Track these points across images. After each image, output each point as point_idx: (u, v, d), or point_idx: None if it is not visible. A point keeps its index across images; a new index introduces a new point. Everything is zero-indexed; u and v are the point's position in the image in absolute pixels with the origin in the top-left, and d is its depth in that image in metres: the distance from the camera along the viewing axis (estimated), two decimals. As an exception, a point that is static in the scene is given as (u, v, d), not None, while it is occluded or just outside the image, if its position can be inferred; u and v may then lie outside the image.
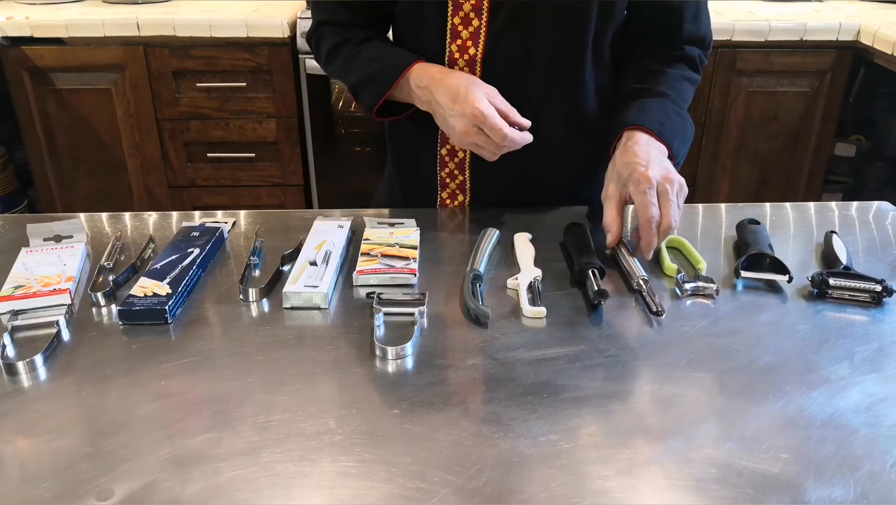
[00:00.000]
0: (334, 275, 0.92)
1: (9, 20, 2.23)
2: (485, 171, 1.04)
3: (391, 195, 1.21)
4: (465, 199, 1.11)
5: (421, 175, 1.12)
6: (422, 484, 0.61)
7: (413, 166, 1.13)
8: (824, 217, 1.12)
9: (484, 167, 1.01)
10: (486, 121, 0.88)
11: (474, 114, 0.89)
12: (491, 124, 0.88)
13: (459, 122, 0.91)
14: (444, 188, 1.10)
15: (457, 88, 0.91)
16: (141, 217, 1.11)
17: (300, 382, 0.74)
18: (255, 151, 2.44)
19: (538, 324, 0.84)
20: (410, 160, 1.14)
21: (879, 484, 0.61)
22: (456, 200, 1.10)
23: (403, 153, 1.14)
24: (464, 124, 0.90)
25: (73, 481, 0.62)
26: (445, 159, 1.07)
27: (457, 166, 1.05)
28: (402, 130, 1.11)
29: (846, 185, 2.63)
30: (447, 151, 1.06)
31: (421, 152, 1.10)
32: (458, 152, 1.05)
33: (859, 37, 2.25)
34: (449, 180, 1.08)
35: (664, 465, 0.64)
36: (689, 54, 1.05)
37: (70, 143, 2.42)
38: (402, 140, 1.13)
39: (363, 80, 1.02)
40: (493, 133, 0.89)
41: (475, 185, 1.09)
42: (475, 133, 0.91)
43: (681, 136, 0.97)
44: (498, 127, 0.88)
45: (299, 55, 2.31)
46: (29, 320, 0.83)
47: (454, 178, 1.07)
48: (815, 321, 0.85)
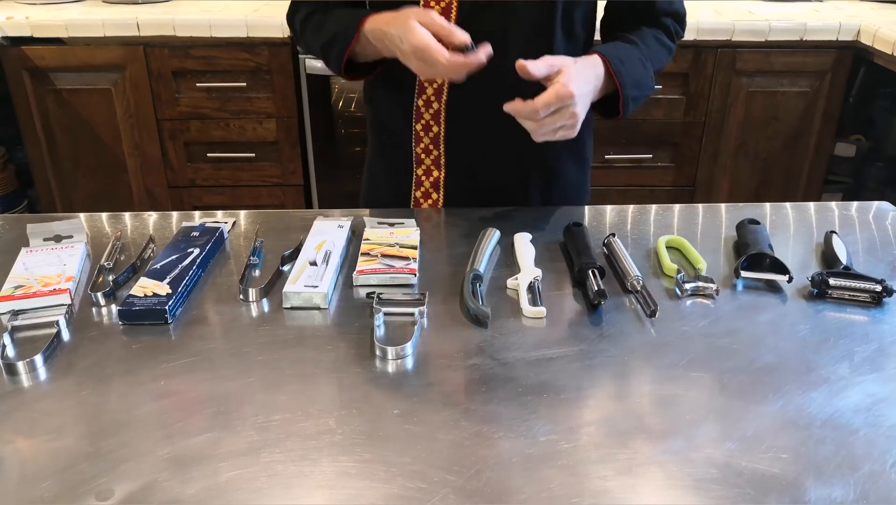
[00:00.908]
0: (334, 275, 0.92)
1: (9, 20, 2.23)
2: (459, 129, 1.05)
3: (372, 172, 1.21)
4: (441, 156, 1.09)
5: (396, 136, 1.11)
6: (422, 484, 0.61)
7: (388, 126, 1.12)
8: (824, 217, 1.12)
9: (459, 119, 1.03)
10: (426, 53, 0.88)
11: (414, 51, 0.89)
12: (429, 57, 0.88)
13: (412, 61, 0.91)
14: (418, 142, 1.08)
15: (398, 29, 0.91)
16: (141, 217, 1.11)
17: (300, 382, 0.74)
18: (255, 151, 2.44)
19: (538, 324, 0.84)
20: (385, 120, 1.13)
21: (879, 484, 0.61)
22: (430, 156, 1.09)
23: (382, 113, 1.13)
24: (414, 62, 0.91)
25: (73, 481, 0.62)
26: (421, 111, 1.06)
27: (432, 117, 1.05)
28: (376, 91, 1.11)
29: (846, 185, 2.63)
30: (423, 102, 1.05)
31: (394, 107, 1.09)
32: (433, 103, 1.04)
33: (859, 37, 2.25)
34: (423, 133, 1.07)
35: (664, 465, 0.64)
36: (664, 23, 1.08)
37: (70, 143, 2.42)
38: (375, 100, 1.13)
39: (328, 42, 1.03)
40: (436, 66, 0.89)
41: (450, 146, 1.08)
42: (426, 66, 0.91)
43: (635, 82, 1.00)
44: (436, 59, 0.88)
45: (299, 55, 2.31)
46: (29, 320, 0.83)
47: (428, 131, 1.07)
48: (815, 321, 0.85)
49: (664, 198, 2.49)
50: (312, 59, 2.30)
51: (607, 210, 1.15)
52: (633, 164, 2.45)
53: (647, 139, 2.41)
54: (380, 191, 1.20)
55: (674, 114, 2.38)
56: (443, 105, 1.04)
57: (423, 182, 1.11)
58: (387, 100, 1.11)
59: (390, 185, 1.16)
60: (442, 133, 1.06)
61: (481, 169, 1.09)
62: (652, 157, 2.44)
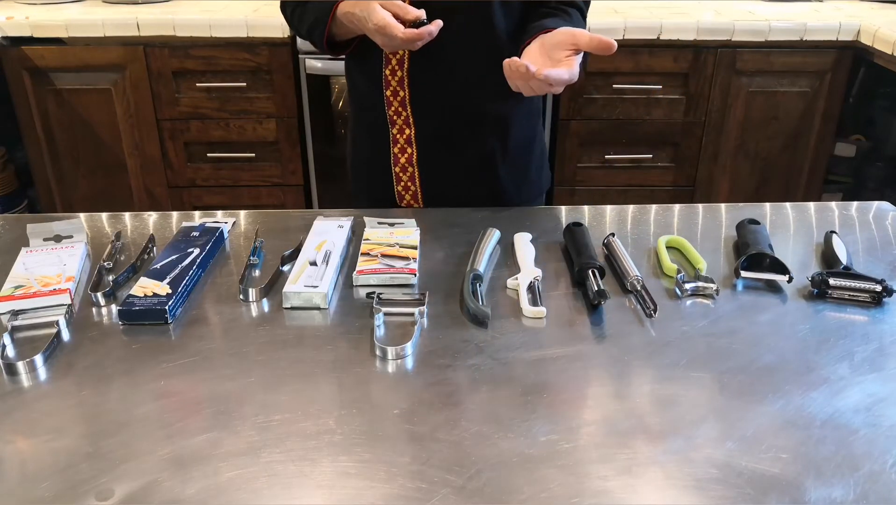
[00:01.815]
0: (334, 275, 0.92)
1: (9, 20, 2.23)
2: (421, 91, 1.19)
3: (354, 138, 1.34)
4: (409, 116, 1.22)
5: (371, 103, 1.24)
6: (422, 484, 0.61)
7: (365, 95, 1.26)
8: (824, 217, 1.12)
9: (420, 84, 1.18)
10: (386, 30, 1.03)
11: (377, 28, 1.04)
12: (389, 33, 1.03)
13: (376, 37, 1.06)
14: (389, 106, 1.22)
15: (363, 11, 1.06)
16: (141, 217, 1.11)
17: (300, 382, 0.74)
18: (255, 151, 2.44)
19: (538, 324, 0.84)
20: (360, 90, 1.27)
21: (879, 484, 0.61)
22: (400, 117, 1.22)
23: (359, 85, 1.27)
24: (378, 38, 1.06)
25: (73, 481, 0.62)
26: (388, 79, 1.19)
27: (398, 83, 1.19)
28: (351, 65, 1.27)
29: (846, 185, 2.62)
30: (389, 71, 1.19)
31: (366, 78, 1.23)
32: (398, 72, 1.18)
33: (859, 37, 2.25)
34: (392, 98, 1.21)
35: (664, 465, 0.64)
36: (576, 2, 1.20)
37: (70, 143, 2.42)
38: (351, 74, 1.28)
39: (311, 26, 1.18)
40: (394, 41, 1.04)
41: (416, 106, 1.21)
42: (388, 40, 1.05)
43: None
44: (393, 35, 1.03)
45: (299, 55, 2.31)
46: (29, 320, 0.83)
47: (396, 96, 1.20)
48: (815, 321, 0.85)
49: (664, 198, 2.49)
50: (312, 58, 2.30)
51: (607, 210, 1.15)
52: (633, 164, 2.45)
53: (647, 139, 2.41)
54: (363, 155, 1.33)
55: (674, 114, 2.38)
56: (405, 72, 1.18)
57: (399, 139, 1.24)
58: (361, 72, 1.25)
59: (371, 148, 1.29)
60: (407, 96, 1.20)
61: (445, 123, 1.23)
62: (652, 157, 2.44)
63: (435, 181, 1.26)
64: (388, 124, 1.23)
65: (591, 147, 2.42)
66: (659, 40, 2.26)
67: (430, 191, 1.26)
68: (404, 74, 1.18)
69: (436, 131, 1.23)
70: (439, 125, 1.22)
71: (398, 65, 1.18)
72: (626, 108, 2.36)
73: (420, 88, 1.19)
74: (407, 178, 1.26)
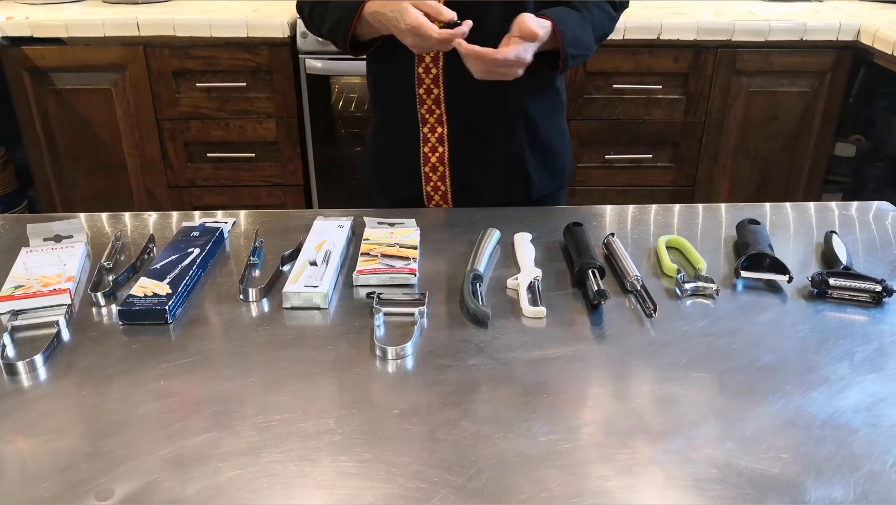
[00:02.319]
0: (334, 275, 0.92)
1: (9, 20, 2.23)
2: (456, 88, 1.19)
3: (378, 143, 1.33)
4: (442, 114, 1.22)
5: (401, 103, 1.23)
6: (422, 484, 0.61)
7: (393, 95, 1.25)
8: (824, 217, 1.12)
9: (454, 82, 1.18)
10: (420, 30, 1.03)
11: (410, 29, 1.04)
12: (423, 33, 1.03)
13: (408, 38, 1.06)
14: (422, 104, 1.21)
15: (394, 11, 1.06)
16: (141, 217, 1.11)
17: (300, 382, 0.74)
18: (255, 151, 2.44)
19: (538, 324, 0.84)
20: (390, 90, 1.26)
21: (879, 484, 0.61)
22: (433, 115, 1.22)
23: (386, 85, 1.27)
24: (410, 39, 1.06)
25: (73, 481, 0.62)
26: (422, 77, 1.19)
27: (432, 81, 1.19)
28: (380, 66, 1.27)
29: (846, 185, 2.62)
30: (423, 69, 1.19)
31: (397, 78, 1.22)
32: (432, 69, 1.18)
33: (859, 37, 2.25)
34: (426, 96, 1.21)
35: (664, 465, 0.64)
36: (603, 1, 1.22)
37: (70, 143, 2.42)
38: (380, 73, 1.27)
39: (334, 26, 1.18)
40: (428, 40, 1.04)
41: (450, 103, 1.21)
42: (421, 41, 1.05)
43: (575, 42, 1.13)
44: (428, 35, 1.03)
45: (299, 55, 2.31)
46: (29, 320, 0.83)
47: (430, 94, 1.20)
48: (815, 321, 0.85)
49: (664, 198, 2.49)
50: (312, 58, 2.30)
51: (607, 210, 1.15)
52: (633, 164, 2.45)
53: (647, 139, 2.41)
54: (389, 156, 1.32)
55: (674, 114, 2.38)
56: (440, 70, 1.18)
57: (430, 138, 1.24)
58: (388, 72, 1.24)
59: (398, 149, 1.28)
60: (442, 94, 1.20)
61: (478, 119, 1.23)
62: (652, 157, 2.44)
63: (466, 179, 1.25)
64: (419, 123, 1.23)
65: (591, 147, 2.42)
66: (659, 40, 2.26)
67: (460, 189, 1.26)
68: (439, 72, 1.18)
69: (468, 129, 1.23)
70: (471, 122, 1.23)
71: (432, 62, 1.18)
72: (626, 108, 2.36)
73: (455, 86, 1.19)
74: (437, 178, 1.25)
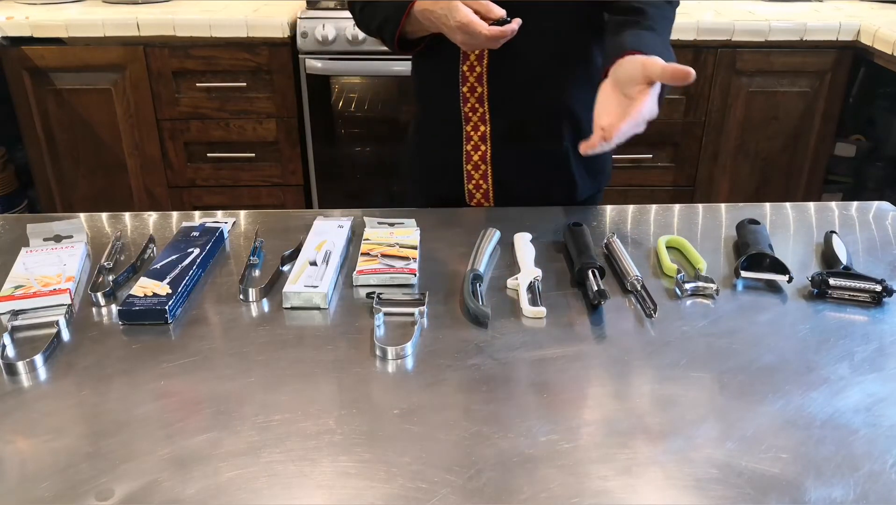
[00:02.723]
0: (334, 275, 0.92)
1: (9, 20, 2.23)
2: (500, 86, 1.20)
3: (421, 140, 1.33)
4: (486, 113, 1.22)
5: (444, 100, 1.24)
6: (422, 484, 0.61)
7: (437, 92, 1.26)
8: (824, 217, 1.12)
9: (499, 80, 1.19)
10: (469, 27, 1.04)
11: (460, 26, 1.05)
12: (473, 30, 1.04)
13: (457, 35, 1.07)
14: (465, 102, 1.22)
15: (444, 9, 1.07)
16: (141, 217, 1.11)
17: (300, 382, 0.74)
18: (255, 151, 2.44)
19: (538, 324, 0.84)
20: (433, 87, 1.27)
21: (879, 484, 0.61)
22: (476, 114, 1.22)
23: (431, 82, 1.28)
24: (459, 36, 1.07)
25: (73, 481, 0.62)
26: (466, 75, 1.19)
27: (476, 79, 1.20)
28: (424, 63, 1.27)
29: (846, 185, 2.62)
30: (467, 67, 1.19)
31: (441, 75, 1.23)
32: (476, 67, 1.19)
33: (859, 37, 2.25)
34: (469, 94, 1.21)
35: (664, 465, 0.64)
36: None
37: (70, 143, 2.42)
38: (424, 71, 1.29)
39: (382, 23, 1.18)
40: (478, 37, 1.05)
41: (493, 102, 1.21)
42: (470, 38, 1.06)
43: None
44: (478, 31, 1.04)
45: (299, 55, 2.31)
46: (29, 320, 0.83)
47: (473, 92, 1.21)
48: (815, 321, 0.85)
49: (664, 198, 2.49)
50: (312, 58, 2.30)
51: (607, 210, 1.15)
52: (633, 164, 2.45)
53: (647, 139, 2.39)
54: (431, 153, 1.32)
55: (674, 114, 2.38)
56: (485, 68, 1.18)
57: (472, 136, 1.24)
58: (434, 69, 1.25)
59: (440, 147, 1.29)
60: (485, 92, 1.20)
61: (521, 119, 1.23)
62: (652, 157, 2.44)
63: (508, 178, 1.25)
64: (462, 121, 1.24)
65: (591, 147, 2.42)
66: (659, 40, 2.26)
67: (501, 188, 1.26)
68: (483, 70, 1.18)
69: (511, 127, 1.23)
70: (515, 121, 1.22)
71: (477, 61, 1.18)
72: (626, 108, 2.36)
73: (499, 84, 1.19)
74: (479, 177, 1.26)
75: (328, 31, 2.26)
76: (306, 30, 2.27)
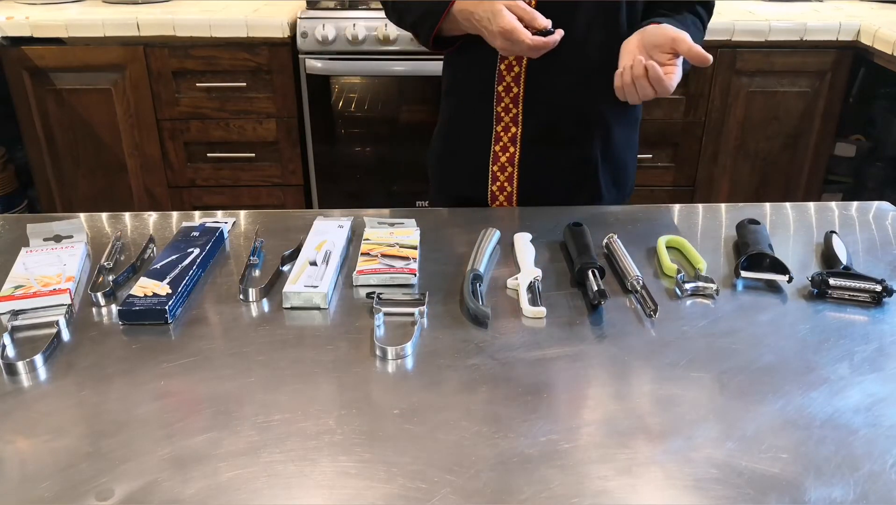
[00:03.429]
0: (334, 275, 0.92)
1: (9, 20, 2.23)
2: (536, 88, 1.20)
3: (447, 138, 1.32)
4: (518, 114, 1.21)
5: (477, 98, 1.23)
6: (422, 484, 0.61)
7: (470, 90, 1.25)
8: (824, 217, 1.12)
9: (536, 82, 1.19)
10: (512, 35, 1.04)
11: (502, 32, 1.04)
12: (515, 38, 1.04)
13: (497, 40, 1.06)
14: (499, 102, 1.21)
15: (487, 12, 1.07)
16: (141, 217, 1.11)
17: (300, 382, 0.74)
18: (255, 151, 2.44)
19: (538, 324, 0.84)
20: (467, 84, 1.26)
21: (879, 484, 0.61)
22: (509, 114, 1.22)
23: (464, 80, 1.26)
24: (500, 41, 1.06)
25: (73, 481, 0.62)
26: (503, 74, 1.19)
27: (513, 80, 1.19)
28: (460, 59, 1.26)
29: (846, 185, 2.62)
30: (505, 66, 1.18)
31: (477, 72, 1.22)
32: (515, 67, 1.18)
33: (859, 37, 2.25)
34: (504, 94, 1.20)
35: (664, 465, 0.64)
36: (698, 11, 1.20)
37: (70, 143, 2.42)
38: (460, 66, 1.27)
39: (419, 19, 1.18)
40: (520, 45, 1.04)
41: (528, 103, 1.20)
42: (511, 45, 1.06)
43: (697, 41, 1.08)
44: (521, 40, 1.04)
45: (299, 55, 2.31)
46: (29, 320, 0.83)
47: (509, 92, 1.20)
48: (815, 321, 0.85)
49: (664, 198, 2.49)
50: (312, 58, 2.30)
51: (608, 210, 1.15)
52: (633, 164, 2.45)
53: (647, 139, 2.41)
54: (457, 152, 1.31)
55: (674, 114, 2.38)
56: (523, 69, 1.18)
57: (502, 137, 1.23)
58: (469, 66, 1.24)
59: (467, 146, 1.28)
60: (521, 93, 1.19)
61: (554, 122, 1.22)
62: (652, 157, 2.44)
63: (534, 183, 1.24)
64: (494, 121, 1.22)
65: (591, 147, 2.42)
66: (659, 40, 2.26)
67: (526, 192, 1.25)
68: (522, 70, 1.17)
69: (543, 132, 1.22)
70: (547, 126, 1.21)
71: (516, 61, 1.17)
72: (626, 108, 2.36)
73: (535, 87, 1.18)
74: (504, 178, 1.24)
75: (328, 31, 2.26)
76: (306, 30, 2.27)
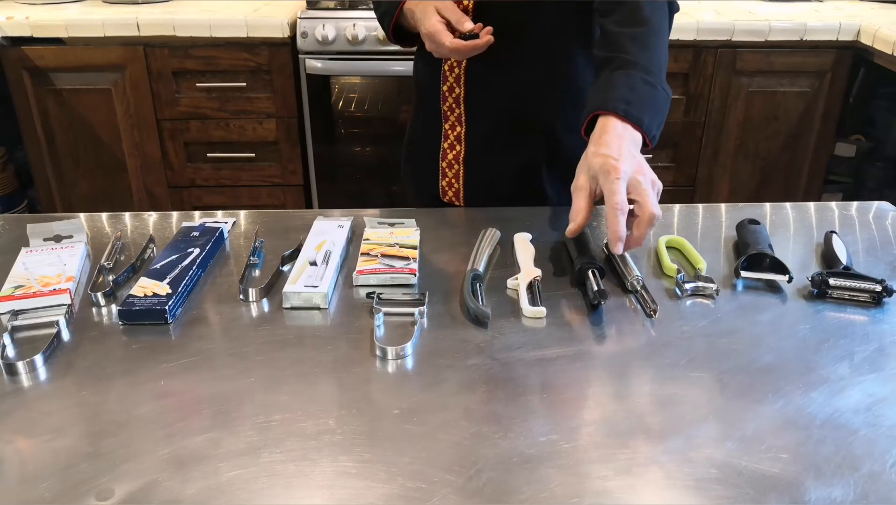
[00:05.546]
0: (334, 275, 0.92)
1: (9, 20, 2.23)
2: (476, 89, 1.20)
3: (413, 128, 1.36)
4: (462, 114, 1.23)
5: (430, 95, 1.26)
6: (422, 484, 0.61)
7: (426, 87, 1.28)
8: (824, 217, 1.12)
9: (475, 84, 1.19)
10: (434, 37, 1.06)
11: (427, 34, 1.07)
12: (437, 40, 1.06)
13: (426, 41, 1.09)
14: (444, 101, 1.24)
15: (421, 12, 1.09)
16: (141, 217, 1.11)
17: (300, 382, 0.74)
18: (255, 151, 2.44)
19: (538, 324, 0.84)
20: (422, 81, 1.29)
21: (879, 484, 0.61)
22: (454, 114, 1.23)
23: (422, 76, 1.29)
24: (427, 43, 1.09)
25: (73, 481, 0.62)
26: (447, 74, 1.21)
27: (455, 80, 1.21)
28: (419, 57, 1.29)
29: (846, 185, 2.63)
30: (448, 67, 1.21)
31: (429, 71, 1.25)
32: (455, 68, 1.20)
33: (859, 37, 2.25)
34: (448, 93, 1.22)
35: (664, 465, 0.64)
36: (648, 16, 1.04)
37: (70, 143, 2.42)
38: (417, 64, 1.31)
39: (382, 16, 1.22)
40: (441, 48, 1.06)
41: (469, 105, 1.21)
42: (436, 47, 1.08)
43: (651, 109, 0.98)
44: (441, 43, 1.05)
45: (299, 55, 2.31)
46: (29, 320, 0.83)
47: (452, 92, 1.22)
48: (815, 321, 0.85)
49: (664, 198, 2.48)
50: (312, 58, 2.30)
51: (607, 210, 1.14)
52: (633, 164, 2.45)
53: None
54: (418, 148, 1.35)
55: (674, 114, 2.38)
56: (462, 70, 1.19)
57: (450, 135, 1.26)
58: (425, 65, 1.27)
59: (425, 139, 1.31)
60: (462, 94, 1.21)
61: (496, 126, 1.22)
62: (652, 158, 2.44)
63: (478, 182, 1.25)
64: (442, 119, 1.25)
65: (591, 147, 2.42)
66: (659, 40, 2.26)
67: (472, 190, 1.26)
68: (461, 72, 1.19)
69: (486, 133, 1.23)
70: (490, 127, 1.22)
71: (457, 62, 1.19)
72: (626, 108, 2.36)
73: (475, 88, 1.20)
74: (452, 175, 1.26)
75: (328, 31, 2.26)
76: (306, 30, 2.27)
